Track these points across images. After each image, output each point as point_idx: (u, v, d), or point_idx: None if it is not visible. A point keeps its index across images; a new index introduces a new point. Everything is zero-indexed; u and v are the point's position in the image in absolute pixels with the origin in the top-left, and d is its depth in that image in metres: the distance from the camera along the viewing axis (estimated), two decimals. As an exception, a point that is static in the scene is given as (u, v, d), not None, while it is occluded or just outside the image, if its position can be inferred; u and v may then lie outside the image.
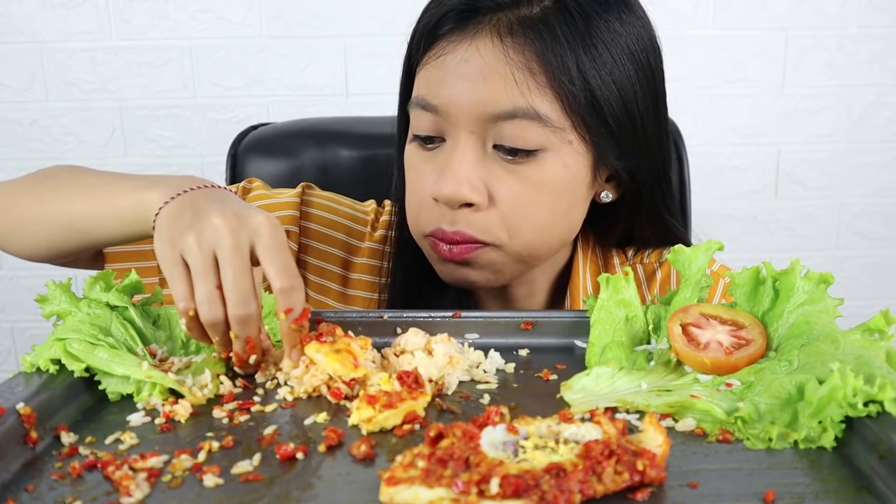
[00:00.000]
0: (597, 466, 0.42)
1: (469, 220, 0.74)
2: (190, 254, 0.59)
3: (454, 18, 0.73)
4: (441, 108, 0.73)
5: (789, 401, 0.51)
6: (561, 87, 0.71)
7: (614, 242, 0.90)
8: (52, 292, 0.63)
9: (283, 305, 0.58)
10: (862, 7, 1.66)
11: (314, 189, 0.94)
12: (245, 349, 0.59)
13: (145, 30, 1.63)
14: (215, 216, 0.60)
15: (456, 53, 0.73)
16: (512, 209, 0.74)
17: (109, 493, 0.44)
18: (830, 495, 0.43)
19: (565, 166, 0.74)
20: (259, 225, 0.60)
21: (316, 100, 1.67)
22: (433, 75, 0.74)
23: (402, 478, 0.42)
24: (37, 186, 0.78)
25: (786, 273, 0.60)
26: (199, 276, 0.59)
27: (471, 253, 0.76)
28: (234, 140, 1.16)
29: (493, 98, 0.71)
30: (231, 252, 0.58)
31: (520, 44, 0.71)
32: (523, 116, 0.71)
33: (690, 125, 1.69)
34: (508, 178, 0.74)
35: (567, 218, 0.78)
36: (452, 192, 0.73)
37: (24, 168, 1.67)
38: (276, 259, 0.59)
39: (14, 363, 1.80)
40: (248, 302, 0.58)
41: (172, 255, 0.60)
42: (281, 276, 0.58)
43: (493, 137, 0.73)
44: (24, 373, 0.57)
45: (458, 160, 0.73)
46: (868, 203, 1.78)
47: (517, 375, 0.62)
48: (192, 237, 0.59)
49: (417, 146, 0.78)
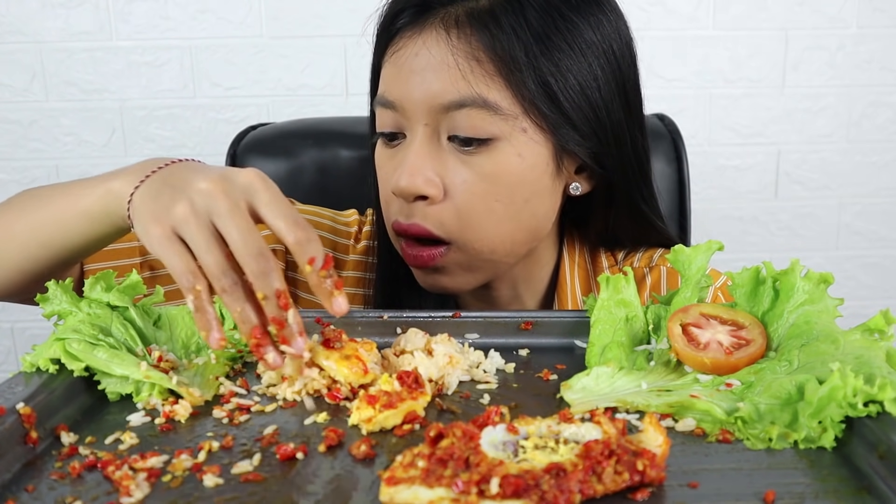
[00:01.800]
0: (597, 466, 0.42)
1: (424, 213, 0.75)
2: (185, 225, 0.55)
3: (409, 14, 0.75)
4: (397, 103, 0.75)
5: (789, 401, 0.51)
6: (510, 76, 0.71)
7: (597, 240, 0.89)
8: (53, 292, 0.63)
9: (305, 257, 0.54)
10: (862, 7, 1.66)
11: (295, 204, 0.92)
12: (280, 305, 0.54)
13: (145, 30, 1.63)
14: (201, 182, 0.56)
15: (408, 48, 0.74)
16: (466, 201, 0.74)
17: (109, 493, 0.44)
18: (830, 495, 0.43)
19: (520, 155, 0.74)
20: (250, 181, 0.56)
21: (316, 100, 1.67)
22: (390, 72, 0.76)
23: (402, 478, 0.42)
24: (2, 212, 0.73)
25: (786, 273, 0.60)
26: (204, 247, 0.54)
27: (435, 260, 0.76)
28: (233, 140, 1.16)
29: (441, 89, 0.72)
30: (230, 213, 0.55)
31: (465, 34, 0.72)
32: (472, 105, 0.72)
33: (690, 125, 1.69)
34: (463, 170, 0.74)
35: (527, 211, 0.77)
36: (407, 184, 0.73)
37: (25, 168, 1.68)
38: (282, 212, 0.56)
39: (14, 363, 1.80)
40: (265, 255, 0.54)
41: (162, 232, 0.55)
42: (292, 227, 0.55)
43: (446, 129, 0.74)
44: (24, 373, 0.57)
45: (413, 153, 0.74)
46: (868, 203, 1.78)
47: (517, 375, 0.62)
48: (183, 208, 0.55)
49: (382, 143, 0.79)
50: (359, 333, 0.68)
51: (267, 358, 0.55)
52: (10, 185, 1.67)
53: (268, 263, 0.54)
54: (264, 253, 0.54)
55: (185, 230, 0.55)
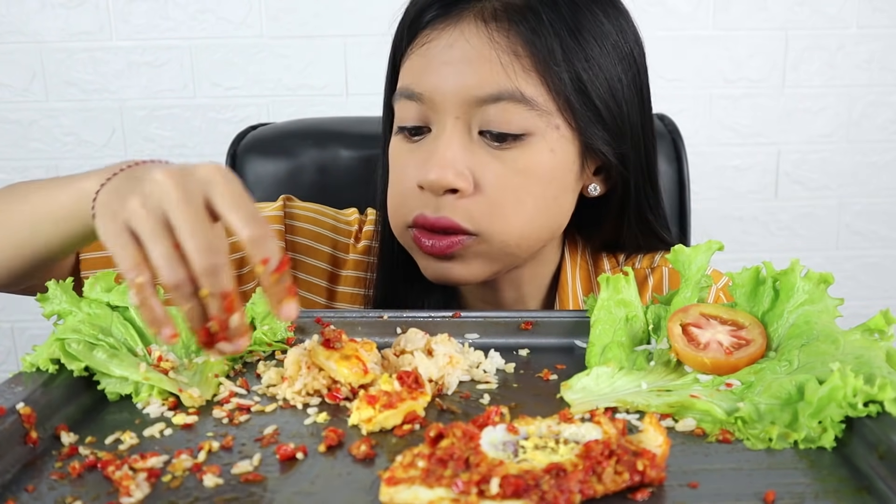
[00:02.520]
0: (597, 466, 0.42)
1: (454, 207, 0.73)
2: (135, 217, 0.52)
3: (438, 6, 0.74)
4: (426, 95, 0.73)
5: (789, 401, 0.51)
6: (546, 70, 0.71)
7: (601, 246, 0.89)
8: (53, 292, 0.63)
9: (259, 255, 0.51)
10: (862, 7, 1.66)
11: (295, 201, 0.92)
12: (224, 307, 0.51)
13: (145, 30, 1.63)
14: (157, 173, 0.53)
15: (440, 40, 0.73)
16: (498, 195, 0.73)
17: (109, 493, 0.44)
18: (830, 495, 0.43)
19: (552, 151, 0.74)
20: (209, 174, 0.53)
21: (316, 100, 1.67)
22: (418, 64, 0.75)
23: (402, 478, 0.42)
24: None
25: (786, 273, 0.60)
26: (151, 237, 0.51)
27: (455, 247, 0.74)
28: (233, 140, 1.16)
29: (477, 81, 0.71)
30: (182, 203, 0.51)
31: (504, 28, 0.71)
32: (509, 99, 0.71)
33: (690, 125, 1.69)
34: (494, 164, 0.73)
35: (556, 207, 0.77)
36: (438, 177, 0.72)
37: (25, 168, 1.68)
38: (239, 206, 0.52)
39: (14, 363, 1.80)
40: (214, 250, 0.51)
41: (114, 225, 0.53)
42: (248, 223, 0.51)
43: (478, 123, 0.73)
44: (24, 373, 0.57)
45: (444, 146, 0.73)
46: (868, 203, 1.78)
47: (517, 375, 0.62)
48: (135, 200, 0.52)
49: (402, 138, 0.77)
50: (359, 333, 0.68)
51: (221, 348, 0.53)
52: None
53: (216, 259, 0.51)
54: (213, 248, 0.51)
55: (135, 222, 0.52)
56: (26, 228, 0.67)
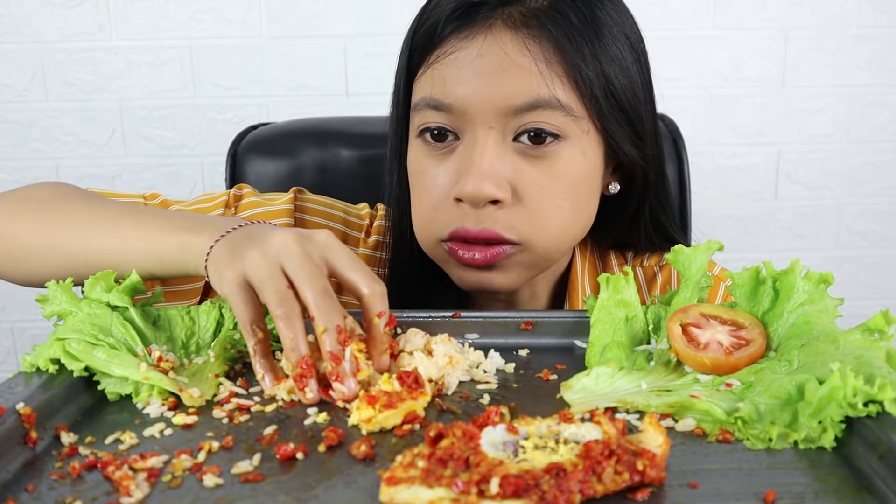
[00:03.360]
0: (597, 466, 0.42)
1: (495, 218, 0.73)
2: (254, 269, 0.57)
3: (461, 15, 0.72)
4: (456, 105, 0.72)
5: (789, 401, 0.51)
6: (578, 75, 0.71)
7: (611, 244, 0.89)
8: (53, 292, 0.63)
9: (375, 310, 0.59)
10: (862, 7, 1.66)
11: (306, 193, 0.92)
12: (339, 340, 0.56)
13: (145, 30, 1.63)
14: (277, 236, 0.59)
15: (470, 49, 0.71)
16: (537, 202, 0.73)
17: (109, 493, 0.44)
18: (830, 495, 0.43)
19: (584, 155, 0.74)
20: (327, 239, 0.60)
21: (316, 100, 1.67)
22: (444, 74, 0.73)
23: (402, 478, 0.42)
24: (40, 213, 0.73)
25: (786, 273, 0.60)
26: (266, 279, 0.56)
27: (499, 257, 0.74)
28: (233, 140, 1.16)
29: (513, 90, 0.70)
30: (302, 258, 0.57)
31: (536, 35, 0.70)
32: (545, 106, 0.71)
33: (690, 125, 1.69)
34: (531, 171, 0.73)
35: (587, 209, 0.78)
36: (477, 190, 0.71)
37: (25, 168, 1.68)
38: (358, 266, 0.59)
39: (14, 363, 1.80)
40: (331, 294, 0.57)
41: (234, 276, 0.58)
42: (369, 281, 0.59)
43: (512, 131, 0.72)
44: (24, 373, 0.57)
45: (479, 156, 0.72)
46: (868, 203, 1.78)
47: (517, 375, 0.62)
48: (256, 253, 0.58)
49: (425, 148, 0.76)
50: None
51: (307, 390, 0.56)
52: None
53: (332, 301, 0.57)
54: (329, 292, 0.57)
55: (253, 273, 0.57)
56: (112, 259, 0.69)
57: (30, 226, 0.73)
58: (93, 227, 0.70)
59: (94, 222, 0.71)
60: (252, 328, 0.58)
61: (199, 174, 1.71)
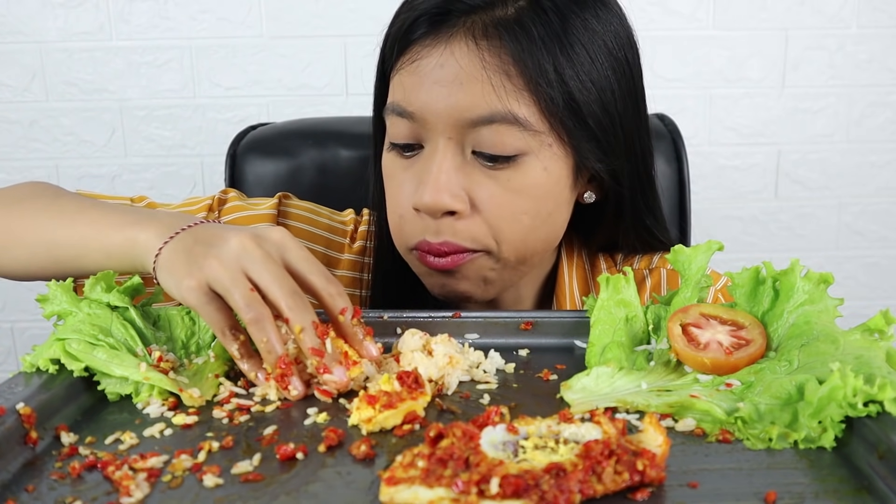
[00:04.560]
0: (597, 466, 0.42)
1: (455, 229, 0.73)
2: (217, 277, 0.57)
3: (427, 22, 0.72)
4: (417, 114, 0.72)
5: (789, 401, 0.51)
6: (538, 90, 0.70)
7: (598, 247, 0.89)
8: (53, 292, 0.63)
9: (337, 308, 0.60)
10: (862, 7, 1.66)
11: (292, 199, 0.92)
12: (318, 335, 0.57)
13: (145, 30, 1.63)
14: (232, 239, 0.59)
15: (431, 58, 0.71)
16: (495, 214, 0.73)
17: (109, 493, 0.44)
18: (830, 495, 0.43)
19: (546, 170, 0.73)
20: (282, 239, 0.61)
21: (316, 100, 1.67)
22: (408, 81, 0.73)
23: (402, 478, 0.42)
24: (14, 206, 0.75)
25: (786, 273, 0.60)
26: (230, 287, 0.57)
27: (460, 262, 0.74)
28: (233, 140, 1.16)
29: (470, 103, 0.70)
30: (263, 261, 0.58)
31: (495, 46, 0.69)
32: (501, 121, 0.70)
33: (690, 125, 1.69)
34: (489, 184, 0.72)
35: (551, 221, 0.77)
36: (433, 201, 0.71)
37: (25, 168, 1.68)
38: (315, 267, 0.60)
39: (14, 363, 1.80)
40: (300, 293, 0.58)
41: (197, 285, 0.58)
42: (325, 283, 0.60)
43: (471, 143, 0.72)
44: (24, 373, 0.57)
45: (436, 168, 0.72)
46: (868, 203, 1.78)
47: (517, 375, 0.62)
48: (215, 262, 0.58)
49: (395, 154, 0.76)
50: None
51: (290, 388, 0.57)
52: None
53: (302, 299, 0.58)
54: (297, 291, 0.58)
55: (215, 280, 0.58)
56: (70, 251, 0.70)
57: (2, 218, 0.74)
58: (54, 221, 0.72)
59: (55, 216, 0.72)
60: (231, 333, 0.59)
61: (199, 174, 1.71)
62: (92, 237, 0.69)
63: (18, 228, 0.73)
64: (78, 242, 0.70)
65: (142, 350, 0.61)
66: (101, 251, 0.68)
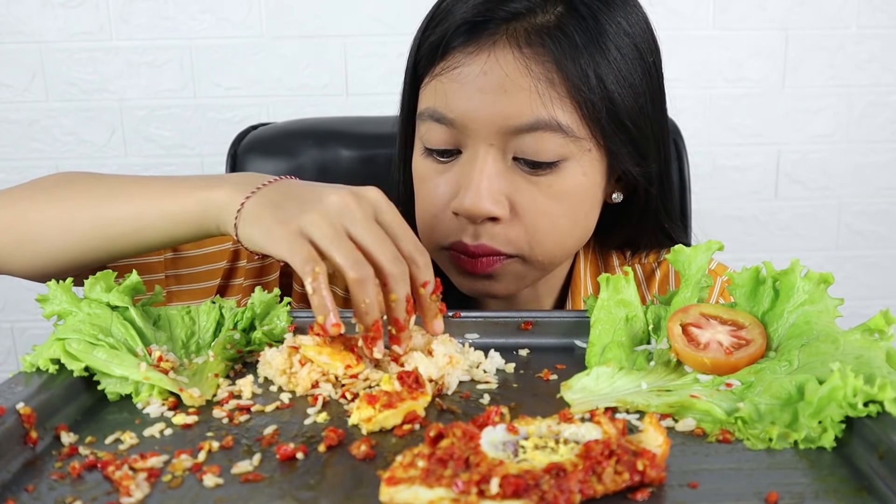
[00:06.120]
0: (597, 466, 0.42)
1: (492, 234, 0.74)
2: (314, 227, 0.56)
3: (467, 29, 0.71)
4: (458, 120, 0.72)
5: (789, 401, 0.51)
6: (580, 96, 0.70)
7: (615, 245, 0.90)
8: (53, 292, 0.63)
9: (421, 279, 0.59)
10: (862, 7, 1.66)
11: None
12: (407, 309, 0.58)
13: (145, 30, 1.63)
14: (332, 194, 0.58)
15: (474, 65, 0.71)
16: (535, 220, 0.74)
17: (109, 493, 0.44)
18: (830, 495, 0.43)
19: (584, 175, 0.74)
20: (378, 199, 0.60)
21: (316, 100, 1.67)
22: (448, 88, 0.72)
23: (402, 478, 0.42)
24: (49, 192, 0.71)
25: (786, 273, 0.60)
26: (335, 243, 0.56)
27: (495, 266, 0.75)
28: (234, 140, 1.16)
29: (515, 111, 0.70)
30: (365, 221, 0.57)
31: (539, 54, 0.69)
32: (545, 128, 0.70)
33: (690, 125, 1.69)
34: (530, 189, 0.73)
35: (584, 223, 0.79)
36: (475, 207, 0.71)
37: (25, 168, 1.68)
38: (407, 233, 0.60)
39: (14, 363, 1.80)
40: (402, 261, 0.57)
41: (289, 230, 0.57)
42: (416, 250, 0.59)
43: (513, 149, 0.72)
44: (24, 373, 0.57)
45: (478, 173, 0.72)
46: (868, 203, 1.78)
47: (517, 375, 0.62)
48: (315, 216, 0.57)
49: (430, 158, 0.77)
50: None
51: (374, 350, 0.58)
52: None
53: (404, 267, 0.57)
54: (399, 258, 0.57)
55: (314, 230, 0.57)
56: (128, 225, 0.68)
57: (39, 205, 0.71)
58: (104, 198, 0.69)
59: (104, 194, 0.70)
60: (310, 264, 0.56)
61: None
62: (152, 207, 0.67)
63: (59, 213, 0.69)
64: (136, 214, 0.67)
65: (142, 350, 0.61)
66: (166, 219, 0.66)
